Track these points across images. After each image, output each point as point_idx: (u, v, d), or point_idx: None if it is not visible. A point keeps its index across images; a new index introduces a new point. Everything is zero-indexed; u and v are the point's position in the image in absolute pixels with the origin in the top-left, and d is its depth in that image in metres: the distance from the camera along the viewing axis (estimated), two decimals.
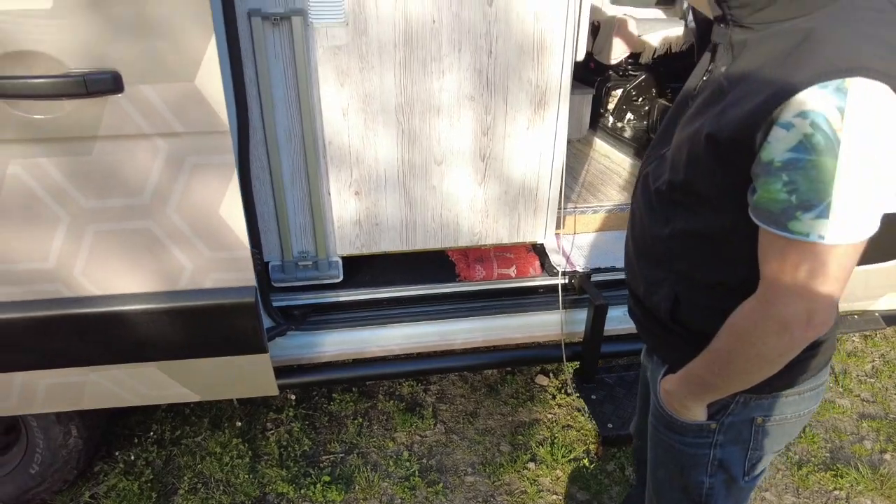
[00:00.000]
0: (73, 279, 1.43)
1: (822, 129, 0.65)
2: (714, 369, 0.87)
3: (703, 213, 0.85)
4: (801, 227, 0.69)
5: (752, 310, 0.79)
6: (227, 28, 1.43)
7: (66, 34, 1.19)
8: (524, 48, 1.62)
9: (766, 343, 0.78)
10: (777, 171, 0.69)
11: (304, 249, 1.82)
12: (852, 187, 0.67)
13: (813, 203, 0.68)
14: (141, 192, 1.36)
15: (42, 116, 1.25)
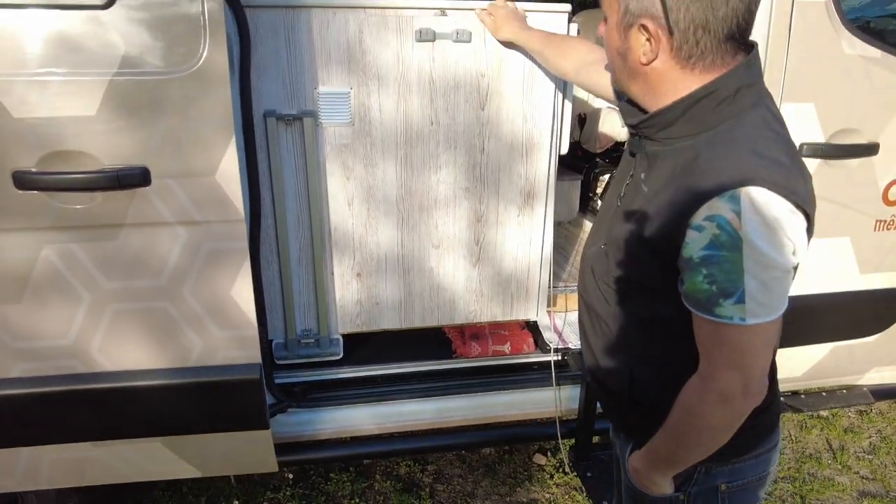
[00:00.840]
0: (90, 355, 1.51)
1: (725, 229, 0.79)
2: (672, 444, 0.96)
3: (650, 301, 0.96)
4: (725, 312, 0.81)
5: (696, 386, 0.89)
6: (244, 127, 1.59)
7: (104, 136, 1.35)
8: (514, 146, 1.79)
9: (713, 415, 0.88)
10: (696, 265, 0.82)
11: (307, 327, 1.91)
12: (758, 274, 0.79)
13: (730, 291, 0.80)
14: (160, 274, 1.47)
15: (76, 207, 1.39)
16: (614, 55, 0.94)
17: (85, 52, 1.30)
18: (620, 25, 0.89)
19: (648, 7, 0.84)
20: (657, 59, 0.87)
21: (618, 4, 0.88)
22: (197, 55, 1.33)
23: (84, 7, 1.28)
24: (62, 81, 1.30)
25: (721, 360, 0.85)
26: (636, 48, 0.88)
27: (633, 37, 0.88)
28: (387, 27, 1.62)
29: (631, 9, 0.86)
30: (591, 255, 1.11)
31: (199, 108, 1.36)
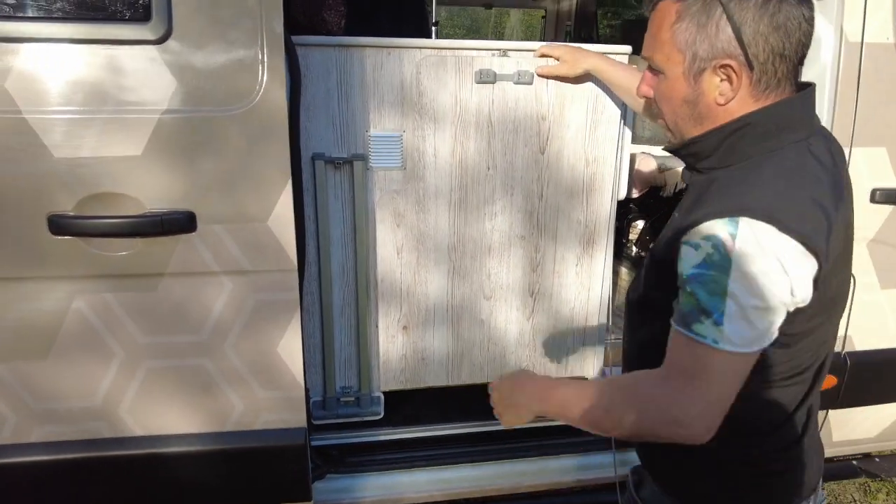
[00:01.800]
0: (118, 418, 1.37)
1: (719, 250, 0.77)
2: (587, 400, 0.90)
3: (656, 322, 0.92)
4: (702, 330, 0.79)
5: (655, 379, 0.86)
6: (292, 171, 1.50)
7: (149, 178, 1.25)
8: (574, 191, 1.69)
9: (646, 411, 0.85)
10: (686, 282, 0.81)
11: (348, 385, 1.77)
12: (741, 300, 0.76)
13: (711, 311, 0.78)
14: (200, 329, 1.34)
15: (115, 254, 1.27)
16: (679, 105, 0.90)
17: (134, 88, 1.21)
18: (689, 73, 0.86)
19: (724, 48, 0.81)
20: (736, 97, 0.84)
21: (681, 55, 0.85)
22: (253, 93, 1.24)
23: (136, 42, 1.20)
24: (108, 119, 1.21)
25: (684, 373, 0.82)
26: (710, 91, 0.86)
27: (707, 81, 0.85)
28: (445, 68, 1.54)
29: (701, 54, 0.83)
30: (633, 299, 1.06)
31: (254, 149, 1.26)
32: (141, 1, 1.20)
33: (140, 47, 1.20)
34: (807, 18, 0.81)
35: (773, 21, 0.79)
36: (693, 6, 0.82)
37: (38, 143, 1.20)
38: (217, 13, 1.21)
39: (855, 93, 1.64)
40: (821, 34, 1.63)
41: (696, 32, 0.82)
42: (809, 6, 0.81)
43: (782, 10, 0.79)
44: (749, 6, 0.79)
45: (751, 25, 0.79)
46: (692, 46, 0.83)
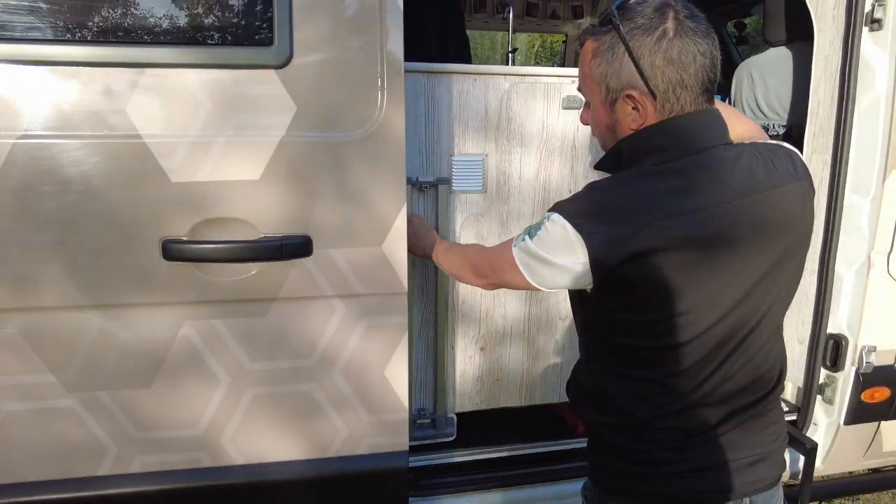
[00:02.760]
0: (220, 446, 1.33)
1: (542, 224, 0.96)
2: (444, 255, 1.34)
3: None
4: (517, 241, 1.02)
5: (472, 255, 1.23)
6: None
7: (266, 202, 1.24)
8: None
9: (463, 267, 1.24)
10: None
11: (423, 406, 1.76)
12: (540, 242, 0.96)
13: (526, 234, 1.00)
14: (309, 354, 1.33)
15: (226, 279, 1.25)
16: (604, 131, 1.00)
17: (254, 112, 1.21)
18: (606, 103, 0.96)
19: (629, 80, 0.91)
20: (645, 122, 0.93)
21: (598, 87, 0.95)
22: (373, 117, 1.25)
23: (258, 66, 1.20)
24: (227, 143, 1.20)
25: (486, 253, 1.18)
26: (624, 118, 0.95)
27: (620, 109, 0.94)
28: (534, 95, 1.58)
29: (612, 86, 0.93)
30: None
31: (373, 173, 1.27)
32: (263, 25, 1.20)
33: (261, 71, 1.20)
34: (702, 52, 0.88)
35: (667, 56, 0.88)
36: (603, 45, 0.93)
37: (156, 167, 1.18)
38: (338, 37, 1.22)
39: None
40: (875, 63, 1.73)
41: (607, 67, 0.92)
42: (707, 41, 0.89)
43: (675, 46, 0.87)
44: (645, 44, 0.88)
45: (647, 60, 0.88)
46: (605, 80, 0.93)
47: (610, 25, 0.92)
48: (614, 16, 0.91)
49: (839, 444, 1.92)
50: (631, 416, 0.97)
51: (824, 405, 1.91)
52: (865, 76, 1.74)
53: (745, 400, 0.97)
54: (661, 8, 0.89)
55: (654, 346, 0.93)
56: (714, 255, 0.88)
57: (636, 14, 0.90)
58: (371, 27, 1.23)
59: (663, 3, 0.90)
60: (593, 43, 0.95)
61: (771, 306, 0.96)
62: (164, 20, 1.18)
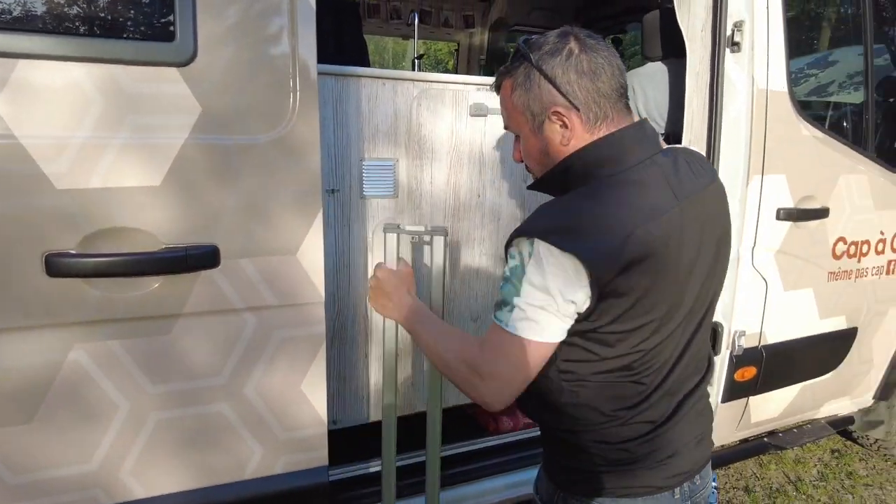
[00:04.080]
0: (118, 481, 1.21)
1: (521, 263, 0.93)
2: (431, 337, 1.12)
3: None
4: (501, 316, 0.95)
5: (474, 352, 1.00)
6: None
7: (168, 210, 1.14)
8: None
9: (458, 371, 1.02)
10: (503, 280, 0.97)
11: (334, 417, 1.71)
12: (529, 299, 0.92)
13: (508, 302, 0.94)
14: (219, 372, 1.24)
15: (124, 295, 1.14)
16: (538, 157, 1.04)
17: (154, 113, 1.11)
18: (534, 128, 1.01)
19: (550, 99, 0.97)
20: (574, 136, 0.98)
21: (523, 116, 1.01)
22: (285, 119, 1.20)
23: (158, 63, 1.11)
24: (123, 146, 1.10)
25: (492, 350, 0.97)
26: (553, 137, 1.00)
27: (548, 129, 1.00)
28: (443, 101, 1.60)
29: (535, 110, 0.99)
30: None
31: (285, 178, 1.22)
32: (163, 19, 1.11)
33: (162, 69, 1.11)
34: (608, 61, 0.96)
35: (578, 69, 0.95)
36: (518, 77, 0.99)
37: (36, 172, 1.05)
38: (246, 35, 1.16)
39: (763, 130, 1.98)
40: (736, 80, 1.94)
41: (527, 95, 0.99)
42: (608, 52, 0.97)
43: (583, 60, 0.95)
44: (555, 63, 0.96)
45: (562, 77, 0.95)
46: (528, 107, 0.99)
47: (522, 59, 0.99)
48: (523, 48, 0.98)
49: (718, 420, 2.12)
50: (611, 418, 0.99)
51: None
52: (729, 92, 1.95)
53: (693, 384, 1.05)
54: (562, 34, 0.98)
55: (636, 351, 0.95)
56: (679, 255, 0.94)
57: (542, 43, 0.98)
58: (281, 26, 1.18)
59: (563, 31, 0.98)
60: (509, 79, 1.02)
61: (714, 296, 1.04)
62: (46, 6, 1.05)
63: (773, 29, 1.97)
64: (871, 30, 2.27)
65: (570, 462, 1.06)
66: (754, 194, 2.00)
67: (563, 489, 1.07)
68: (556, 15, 3.73)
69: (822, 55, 2.96)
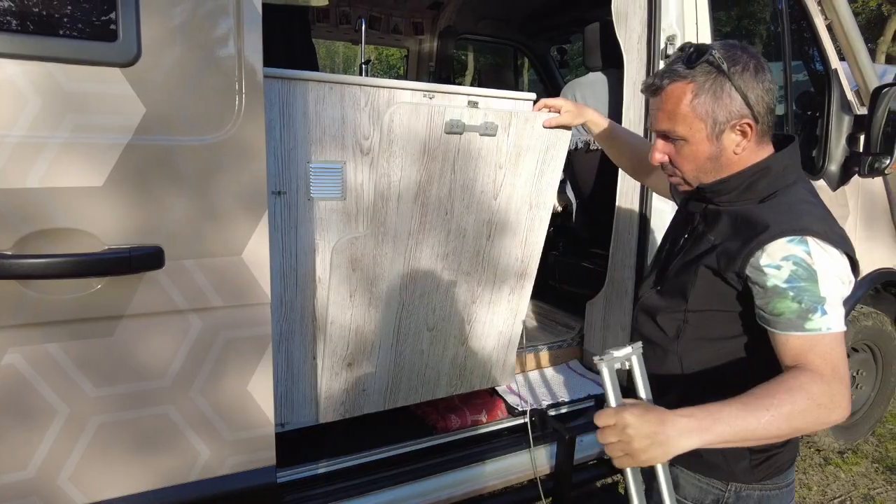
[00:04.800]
0: (57, 488, 1.18)
1: (802, 265, 0.98)
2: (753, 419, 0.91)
3: (724, 323, 1.11)
4: (813, 325, 0.97)
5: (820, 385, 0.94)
6: None
7: (111, 211, 1.14)
8: (517, 232, 1.86)
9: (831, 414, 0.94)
10: (783, 291, 0.98)
11: (285, 420, 1.71)
12: (831, 294, 0.98)
13: (816, 308, 0.97)
14: (163, 374, 1.24)
15: (62, 297, 1.12)
16: (703, 162, 1.11)
17: (97, 112, 1.11)
18: (712, 135, 1.08)
19: (738, 110, 1.06)
20: (748, 146, 1.09)
21: (702, 123, 1.08)
22: (230, 121, 1.21)
23: (100, 63, 1.10)
24: (63, 145, 1.09)
25: (828, 367, 0.95)
26: (729, 146, 1.09)
27: (727, 138, 1.08)
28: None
29: (720, 119, 1.07)
30: (643, 295, 1.27)
31: (230, 179, 1.23)
32: (105, 17, 1.10)
33: (104, 69, 1.10)
34: (773, 81, 1.09)
35: (764, 85, 1.06)
36: (706, 83, 1.05)
37: None
38: (191, 37, 1.16)
39: None
40: None
41: (713, 103, 1.06)
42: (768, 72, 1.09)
43: (766, 76, 1.07)
44: (748, 77, 1.05)
45: (753, 91, 1.05)
46: (712, 115, 1.06)
47: (710, 67, 1.05)
48: (714, 58, 1.05)
49: None
50: None
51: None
52: None
53: None
54: (743, 49, 1.07)
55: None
56: None
57: (733, 57, 1.05)
58: (227, 28, 1.19)
59: (741, 46, 1.08)
60: (689, 84, 1.06)
61: None
62: None
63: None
64: (790, 47, 2.45)
65: (761, 451, 1.13)
66: None
67: (739, 481, 1.14)
68: (504, 24, 3.83)
69: None
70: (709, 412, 0.92)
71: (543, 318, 2.90)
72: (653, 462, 0.92)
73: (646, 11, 2.08)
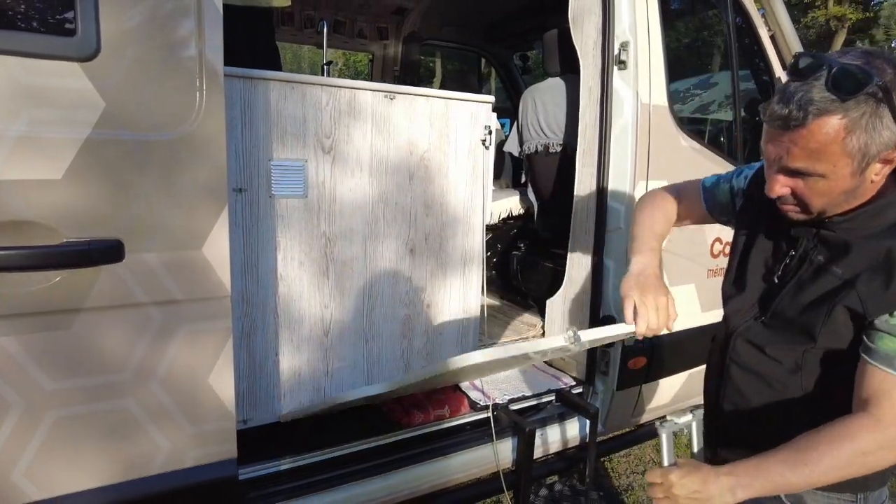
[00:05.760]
0: (10, 484, 1.18)
1: None
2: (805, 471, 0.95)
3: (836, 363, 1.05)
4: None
5: (868, 427, 0.96)
6: None
7: (70, 204, 1.14)
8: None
9: (874, 454, 0.95)
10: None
11: (246, 417, 1.73)
12: None
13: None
14: (123, 367, 1.24)
15: (19, 290, 1.12)
16: (837, 195, 0.99)
17: (55, 107, 1.12)
18: (857, 171, 0.95)
19: (886, 143, 0.93)
20: (887, 172, 0.98)
21: (849, 159, 0.94)
22: (191, 117, 1.23)
23: (59, 58, 1.11)
24: (20, 139, 1.09)
25: (888, 417, 0.96)
26: (869, 177, 0.97)
27: (870, 170, 0.96)
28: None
29: (871, 153, 0.93)
30: (741, 325, 1.20)
31: (191, 174, 1.24)
32: (63, 12, 1.12)
33: (63, 63, 1.11)
34: None
35: None
36: (862, 118, 0.90)
37: None
38: (151, 33, 1.18)
39: (647, 141, 2.19)
40: (623, 95, 2.15)
41: (867, 137, 0.91)
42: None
43: None
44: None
45: None
46: (863, 149, 0.92)
47: (869, 97, 0.89)
48: (875, 85, 0.89)
49: (614, 407, 2.31)
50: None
51: (601, 376, 2.29)
52: (617, 106, 2.15)
53: None
54: (887, 58, 0.92)
55: None
56: None
57: (888, 73, 0.90)
58: (188, 26, 1.21)
59: (883, 55, 0.92)
60: (842, 121, 0.91)
61: None
62: None
63: (654, 50, 2.19)
64: (737, 57, 2.57)
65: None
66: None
67: (871, 489, 1.11)
68: (467, 31, 3.91)
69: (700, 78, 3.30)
70: (749, 469, 0.98)
71: (505, 316, 2.96)
72: None
73: (600, 18, 2.16)
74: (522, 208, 3.20)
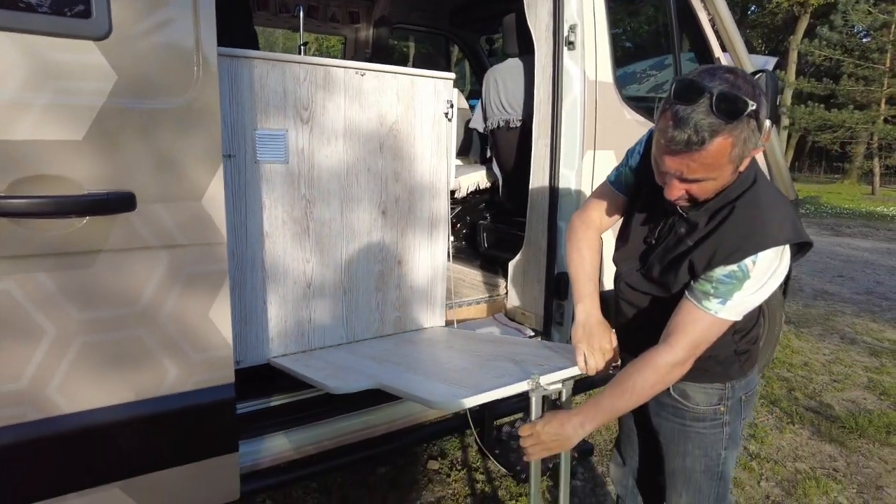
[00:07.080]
0: (46, 398, 1.40)
1: (742, 269, 1.22)
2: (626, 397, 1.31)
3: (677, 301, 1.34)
4: (709, 306, 1.25)
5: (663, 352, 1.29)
6: None
7: (90, 161, 1.35)
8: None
9: (669, 374, 1.29)
10: (713, 280, 1.25)
11: (239, 359, 1.95)
12: (741, 299, 1.24)
13: (722, 300, 1.24)
14: (137, 301, 1.46)
15: (50, 233, 1.34)
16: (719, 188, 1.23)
17: (76, 79, 1.32)
18: (735, 169, 1.19)
19: (754, 144, 1.16)
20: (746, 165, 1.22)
21: (731, 164, 1.16)
22: (190, 88, 1.45)
23: (79, 36, 1.32)
24: (47, 106, 1.30)
25: (685, 338, 1.27)
26: (739, 169, 1.21)
27: (742, 165, 1.19)
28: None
29: (745, 154, 1.16)
30: (626, 272, 1.48)
31: (191, 137, 1.46)
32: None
33: (82, 41, 1.32)
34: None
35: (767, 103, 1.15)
36: (742, 133, 1.11)
37: None
38: (154, 15, 1.39)
39: (594, 114, 2.45)
40: (573, 73, 2.40)
41: (744, 145, 1.14)
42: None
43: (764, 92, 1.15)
44: (764, 108, 1.12)
45: (764, 116, 1.14)
46: (741, 154, 1.15)
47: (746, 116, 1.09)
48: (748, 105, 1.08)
49: None
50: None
51: (557, 326, 2.56)
52: (567, 83, 2.40)
53: None
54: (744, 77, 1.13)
55: None
56: None
57: (754, 93, 1.10)
58: (185, 9, 1.42)
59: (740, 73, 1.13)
60: (730, 139, 1.10)
61: None
62: None
63: (600, 32, 2.44)
64: (678, 40, 2.84)
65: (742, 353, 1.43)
66: (588, 166, 2.47)
67: (733, 378, 1.43)
68: (435, 15, 4.12)
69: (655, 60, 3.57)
70: (590, 407, 1.35)
71: (474, 279, 3.22)
72: (559, 451, 1.40)
73: (551, 3, 2.40)
74: (489, 182, 3.45)
